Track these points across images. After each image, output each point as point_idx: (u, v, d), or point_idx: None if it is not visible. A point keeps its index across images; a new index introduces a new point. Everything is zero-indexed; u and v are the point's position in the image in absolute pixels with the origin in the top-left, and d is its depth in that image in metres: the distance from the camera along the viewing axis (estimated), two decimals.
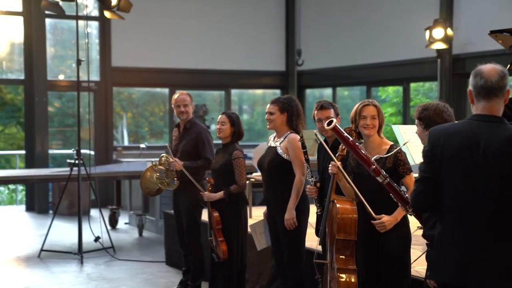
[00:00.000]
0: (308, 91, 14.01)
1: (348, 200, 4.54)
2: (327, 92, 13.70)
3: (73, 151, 8.60)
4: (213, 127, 12.03)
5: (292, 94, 13.52)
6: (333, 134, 5.06)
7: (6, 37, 12.67)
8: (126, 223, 10.71)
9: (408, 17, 11.47)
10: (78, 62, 8.44)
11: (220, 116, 5.94)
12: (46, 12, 11.27)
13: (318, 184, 5.09)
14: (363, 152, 4.19)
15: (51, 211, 12.08)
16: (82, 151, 13.70)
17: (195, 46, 13.15)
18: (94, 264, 8.04)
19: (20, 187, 14.15)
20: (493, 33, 7.21)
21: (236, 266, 5.84)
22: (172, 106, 6.66)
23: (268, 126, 5.60)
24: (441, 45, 10.22)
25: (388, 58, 11.77)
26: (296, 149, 5.36)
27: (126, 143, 13.72)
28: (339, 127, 4.27)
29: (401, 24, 11.60)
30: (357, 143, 4.28)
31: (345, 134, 4.26)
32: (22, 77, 12.43)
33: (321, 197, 5.07)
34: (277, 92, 14.14)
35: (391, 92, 13.20)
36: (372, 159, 4.21)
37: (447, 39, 10.21)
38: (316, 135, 5.09)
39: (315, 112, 5.17)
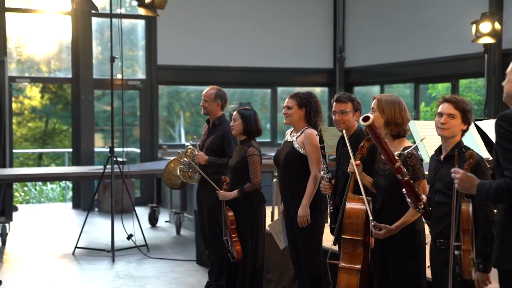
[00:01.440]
0: (356, 89, 13.73)
1: (360, 200, 4.38)
2: (375, 89, 13.39)
3: (107, 148, 8.58)
4: None
5: (341, 91, 13.27)
6: (347, 128, 4.90)
7: (56, 37, 12.83)
8: (166, 221, 10.68)
9: (457, 11, 11.08)
10: (112, 59, 8.42)
11: (234, 113, 5.82)
12: (93, 11, 11.39)
13: (333, 181, 4.92)
14: (391, 150, 4.03)
15: (96, 209, 12.17)
16: (130, 149, 13.83)
17: (241, 44, 13.04)
18: (125, 262, 8.00)
19: (70, 185, 14.32)
20: None
21: (250, 267, 5.68)
22: None
23: (284, 121, 5.45)
24: (489, 40, 9.81)
25: (436, 54, 11.40)
26: (312, 144, 5.20)
27: (183, 142, 13.73)
28: (374, 125, 4.08)
29: (449, 18, 11.22)
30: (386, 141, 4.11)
31: (378, 133, 4.07)
32: (69, 75, 12.56)
33: (335, 194, 4.90)
34: (325, 90, 13.92)
35: (441, 89, 12.79)
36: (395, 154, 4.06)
37: (495, 34, 9.80)
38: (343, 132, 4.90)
39: (333, 104, 5.00)
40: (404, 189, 3.97)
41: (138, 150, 13.03)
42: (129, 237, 8.49)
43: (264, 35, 13.21)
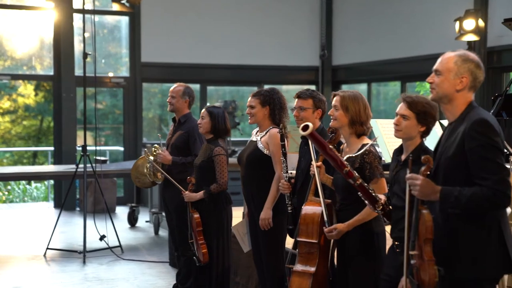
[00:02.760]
0: (344, 87, 13.53)
1: (316, 202, 4.22)
2: (362, 87, 13.21)
3: (79, 147, 8.38)
4: (242, 123, 11.71)
5: (327, 89, 13.09)
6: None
7: (38, 33, 12.63)
8: (147, 221, 10.50)
9: (442, 8, 10.89)
10: (85, 55, 8.23)
11: (202, 111, 5.65)
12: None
13: (292, 180, 4.76)
14: (338, 156, 3.82)
15: (78, 208, 11.99)
16: (113, 147, 13.65)
17: (227, 41, 12.85)
18: (97, 264, 7.80)
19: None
20: (506, 21, 6.72)
21: (216, 270, 5.50)
22: None
23: (249, 121, 5.27)
24: (472, 37, 9.61)
25: (422, 51, 11.20)
26: (276, 144, 5.02)
27: None
28: (316, 133, 3.88)
29: (435, 15, 11.03)
30: (331, 147, 3.89)
31: (321, 140, 3.86)
32: (51, 73, 12.37)
33: (293, 194, 4.74)
34: (312, 88, 13.71)
35: (428, 87, 12.59)
36: (344, 158, 3.86)
37: (479, 31, 9.60)
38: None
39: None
40: (359, 193, 3.80)
41: (122, 149, 12.85)
42: (102, 238, 8.29)
43: (251, 33, 13.02)
